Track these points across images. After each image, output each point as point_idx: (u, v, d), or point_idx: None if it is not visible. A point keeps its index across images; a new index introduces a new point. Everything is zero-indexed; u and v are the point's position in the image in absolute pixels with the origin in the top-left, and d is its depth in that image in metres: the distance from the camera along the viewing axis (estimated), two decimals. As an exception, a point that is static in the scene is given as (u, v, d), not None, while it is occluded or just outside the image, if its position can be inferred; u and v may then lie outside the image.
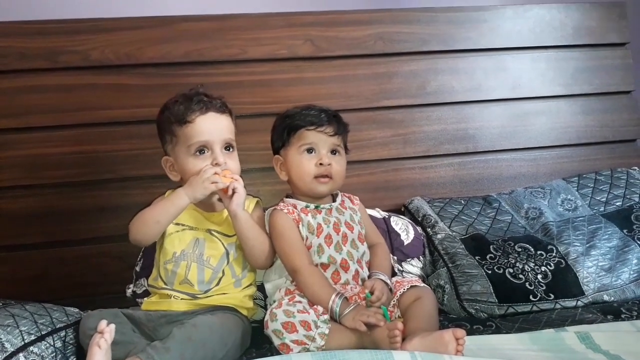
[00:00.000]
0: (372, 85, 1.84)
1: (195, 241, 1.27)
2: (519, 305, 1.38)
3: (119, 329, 1.12)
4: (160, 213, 1.22)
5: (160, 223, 1.22)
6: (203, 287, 1.24)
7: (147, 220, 1.22)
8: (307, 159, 1.31)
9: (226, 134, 1.27)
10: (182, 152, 1.25)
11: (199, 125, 1.23)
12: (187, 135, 1.23)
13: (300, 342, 1.10)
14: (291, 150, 1.33)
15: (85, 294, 1.63)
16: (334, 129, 1.33)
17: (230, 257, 1.28)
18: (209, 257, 1.26)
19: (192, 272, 1.24)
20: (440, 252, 1.54)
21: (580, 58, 1.96)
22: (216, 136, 1.24)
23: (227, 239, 1.29)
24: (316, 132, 1.31)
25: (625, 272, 1.46)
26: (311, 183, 1.31)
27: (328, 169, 1.31)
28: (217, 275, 1.25)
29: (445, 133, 1.88)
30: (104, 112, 1.68)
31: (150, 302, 1.27)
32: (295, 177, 1.33)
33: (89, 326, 1.13)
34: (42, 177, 1.65)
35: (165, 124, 1.27)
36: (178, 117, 1.24)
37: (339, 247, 1.30)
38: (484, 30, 1.91)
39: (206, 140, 1.23)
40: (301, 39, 1.80)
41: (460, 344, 1.01)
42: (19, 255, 1.64)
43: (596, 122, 1.96)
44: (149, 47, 1.71)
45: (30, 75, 1.65)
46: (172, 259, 1.25)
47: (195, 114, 1.23)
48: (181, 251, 1.25)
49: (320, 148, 1.31)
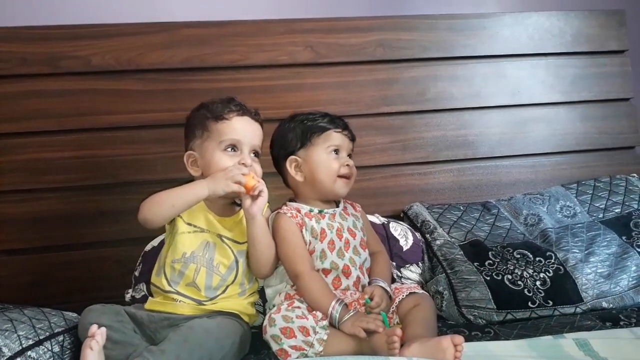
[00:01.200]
0: (372, 92, 1.85)
1: (205, 244, 1.26)
2: (517, 312, 1.37)
3: (120, 328, 1.12)
4: (177, 197, 1.22)
5: (175, 207, 1.22)
6: (210, 293, 1.24)
7: (162, 201, 1.22)
8: (334, 159, 1.34)
9: (256, 140, 1.31)
10: (212, 146, 1.27)
11: (234, 124, 1.28)
12: (220, 131, 1.27)
13: (298, 347, 1.10)
14: (316, 150, 1.34)
15: (85, 298, 1.62)
16: (351, 134, 1.39)
17: (239, 267, 1.27)
18: (219, 264, 1.26)
19: (200, 277, 1.24)
20: (439, 258, 1.54)
21: (579, 65, 1.97)
22: (248, 139, 1.29)
23: (237, 246, 1.29)
24: (342, 135, 1.36)
25: (624, 279, 1.46)
26: (335, 182, 1.34)
27: (351, 170, 1.36)
28: (224, 284, 1.25)
29: (445, 139, 1.88)
30: (105, 117, 1.69)
31: (155, 302, 1.25)
32: (321, 176, 1.33)
33: (89, 321, 1.13)
34: (42, 181, 1.65)
35: (199, 119, 1.30)
36: (215, 113, 1.28)
37: (342, 253, 1.30)
38: (483, 37, 1.92)
39: (238, 140, 1.27)
40: (302, 45, 1.81)
41: (459, 351, 1.01)
42: (18, 259, 1.64)
43: (595, 129, 1.97)
44: (150, 52, 1.72)
45: (31, 80, 1.66)
46: (182, 258, 1.25)
47: (233, 113, 1.29)
48: (191, 252, 1.25)
49: (343, 150, 1.36)
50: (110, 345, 1.11)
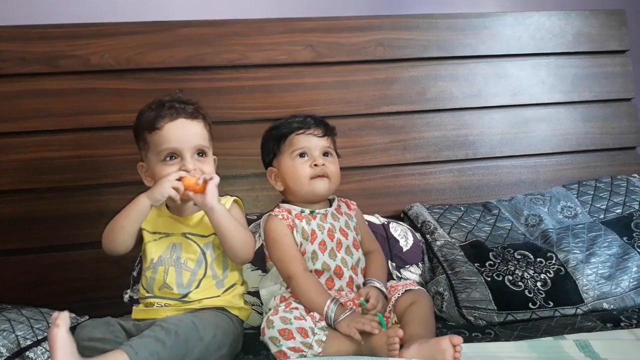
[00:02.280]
0: (372, 91, 1.84)
1: (172, 246, 1.26)
2: (518, 313, 1.37)
3: (113, 339, 1.11)
4: (123, 218, 1.22)
5: (124, 228, 1.22)
6: (182, 290, 1.23)
7: (112, 227, 1.23)
8: (300, 163, 1.32)
9: (197, 140, 1.25)
10: (152, 158, 1.25)
11: (167, 132, 1.22)
12: (156, 142, 1.23)
13: (297, 349, 1.09)
14: (283, 158, 1.34)
15: (83, 299, 1.63)
16: (322, 130, 1.35)
17: (207, 258, 1.26)
18: (186, 260, 1.25)
19: (170, 276, 1.24)
20: (440, 258, 1.53)
21: (580, 65, 1.96)
22: (186, 143, 1.22)
23: (202, 240, 1.27)
24: (305, 136, 1.33)
25: (625, 280, 1.45)
26: (309, 185, 1.31)
27: (323, 169, 1.32)
28: (196, 278, 1.24)
29: (445, 139, 1.88)
30: (104, 117, 1.68)
31: (139, 311, 1.26)
32: (292, 183, 1.33)
33: (83, 337, 1.13)
34: (41, 181, 1.65)
35: (137, 131, 1.28)
36: (148, 124, 1.23)
37: (333, 254, 1.29)
38: (484, 37, 1.91)
39: (174, 147, 1.22)
40: (301, 44, 1.80)
41: (457, 351, 1.01)
42: (17, 259, 1.64)
43: (596, 129, 1.96)
44: (149, 52, 1.71)
45: (30, 80, 1.65)
46: (151, 265, 1.25)
47: (164, 120, 1.22)
48: (158, 257, 1.25)
49: (312, 151, 1.33)
50: None
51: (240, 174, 1.74)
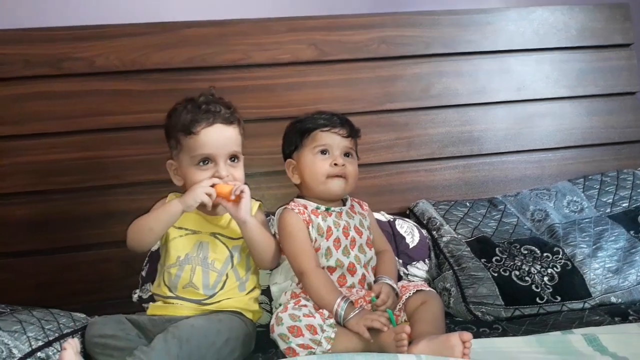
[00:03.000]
0: (376, 89, 1.84)
1: (199, 244, 1.26)
2: (525, 308, 1.37)
3: (123, 336, 1.13)
4: (153, 221, 1.22)
5: (153, 230, 1.22)
6: (208, 291, 1.24)
7: (141, 228, 1.23)
8: (320, 160, 1.32)
9: (232, 146, 1.25)
10: (185, 160, 1.24)
11: (203, 138, 1.21)
12: (191, 146, 1.22)
13: (306, 346, 1.10)
14: (304, 152, 1.34)
15: (92, 299, 1.64)
16: (347, 131, 1.35)
17: (234, 261, 1.28)
18: (214, 260, 1.26)
19: (197, 276, 1.24)
20: (446, 255, 1.53)
21: (584, 59, 1.96)
22: (221, 149, 1.23)
23: (231, 242, 1.29)
24: (330, 134, 1.33)
25: (632, 273, 1.45)
26: (325, 183, 1.32)
27: (342, 169, 1.32)
28: (221, 279, 1.25)
29: (450, 136, 1.88)
30: (110, 118, 1.69)
31: (156, 307, 1.27)
32: (309, 178, 1.33)
33: (93, 334, 1.14)
34: (48, 183, 1.66)
35: (171, 131, 1.27)
36: (183, 127, 1.22)
37: (347, 251, 1.30)
38: (487, 33, 1.91)
39: (209, 153, 1.22)
40: (304, 43, 1.80)
41: (467, 347, 1.01)
42: (26, 261, 1.65)
43: (601, 123, 1.95)
44: (154, 53, 1.72)
45: (35, 82, 1.66)
46: (177, 262, 1.25)
47: (201, 125, 1.21)
48: (185, 255, 1.25)
49: (334, 150, 1.33)
50: (116, 354, 1.12)
51: (246, 173, 1.73)
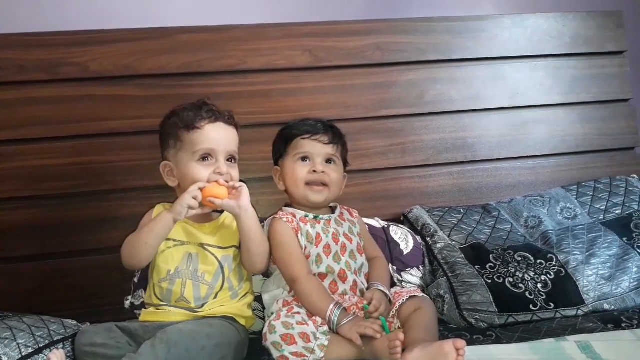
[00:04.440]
0: (371, 95, 1.84)
1: (188, 257, 1.25)
2: (519, 315, 1.37)
3: (114, 345, 1.12)
4: (146, 235, 1.22)
5: (148, 244, 1.21)
6: (200, 302, 1.23)
7: (135, 244, 1.22)
8: (300, 167, 1.33)
9: (231, 145, 1.28)
10: (186, 157, 1.25)
11: (207, 133, 1.24)
12: (193, 141, 1.24)
13: (299, 354, 1.09)
14: (287, 159, 1.35)
15: (84, 305, 1.63)
16: (329, 137, 1.35)
17: (225, 272, 1.26)
18: (204, 273, 1.25)
19: (187, 290, 1.23)
20: (440, 261, 1.53)
21: (578, 67, 1.97)
22: (222, 146, 1.25)
23: (221, 252, 1.27)
24: (311, 141, 1.33)
25: (625, 280, 1.45)
26: (304, 190, 1.32)
27: (322, 177, 1.32)
28: (213, 291, 1.24)
29: (444, 142, 1.88)
30: (103, 124, 1.68)
31: (148, 313, 1.26)
32: (290, 185, 1.34)
33: (84, 342, 1.13)
34: (41, 188, 1.65)
35: (171, 129, 1.27)
36: (187, 123, 1.25)
37: (338, 257, 1.29)
38: (482, 40, 1.92)
39: (212, 149, 1.24)
40: (299, 49, 1.80)
41: (461, 355, 1.01)
42: (17, 267, 1.63)
43: (594, 130, 1.97)
44: (148, 58, 1.71)
45: (29, 87, 1.65)
46: (167, 277, 1.24)
47: (205, 121, 1.25)
48: (175, 268, 1.24)
49: (315, 157, 1.33)
50: None
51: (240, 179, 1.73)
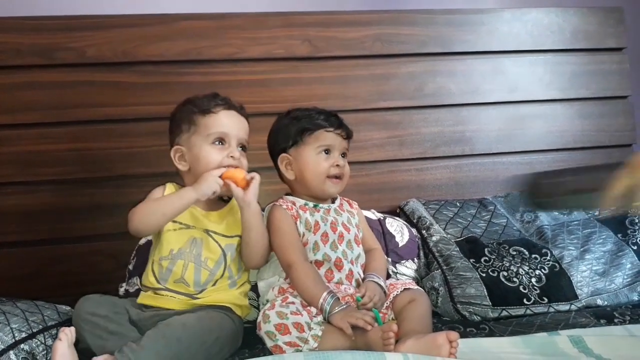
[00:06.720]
0: (370, 87, 1.84)
1: (192, 240, 1.26)
2: (512, 309, 1.38)
3: (116, 319, 1.13)
4: (168, 206, 1.23)
5: (166, 215, 1.22)
6: (199, 287, 1.24)
7: (154, 212, 1.22)
8: (323, 159, 1.33)
9: (243, 133, 1.31)
10: (199, 140, 1.27)
11: (221, 117, 1.28)
12: (208, 125, 1.27)
13: (293, 344, 1.10)
14: (306, 149, 1.33)
15: (79, 292, 1.59)
16: (347, 132, 1.37)
17: (227, 260, 1.27)
18: (207, 259, 1.25)
19: (188, 272, 1.23)
20: (435, 254, 1.54)
21: (577, 62, 1.97)
22: (235, 131, 1.29)
23: (225, 240, 1.28)
24: (334, 134, 1.34)
25: (619, 276, 1.46)
26: (324, 183, 1.33)
27: (342, 170, 1.34)
28: (213, 278, 1.25)
29: (442, 135, 1.88)
30: (101, 110, 1.67)
31: (146, 296, 1.25)
32: (309, 175, 1.33)
33: (86, 310, 1.13)
34: (37, 174, 1.64)
35: (185, 114, 1.30)
36: (202, 107, 1.28)
37: (335, 246, 1.30)
38: (482, 33, 1.91)
39: (226, 133, 1.27)
40: (299, 39, 1.79)
41: (454, 347, 1.01)
42: (11, 252, 1.63)
43: (593, 126, 1.97)
44: (147, 45, 1.70)
45: (25, 72, 1.64)
46: (169, 255, 1.25)
47: (220, 107, 1.29)
48: (178, 249, 1.25)
49: (335, 150, 1.34)
50: (106, 336, 1.11)
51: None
